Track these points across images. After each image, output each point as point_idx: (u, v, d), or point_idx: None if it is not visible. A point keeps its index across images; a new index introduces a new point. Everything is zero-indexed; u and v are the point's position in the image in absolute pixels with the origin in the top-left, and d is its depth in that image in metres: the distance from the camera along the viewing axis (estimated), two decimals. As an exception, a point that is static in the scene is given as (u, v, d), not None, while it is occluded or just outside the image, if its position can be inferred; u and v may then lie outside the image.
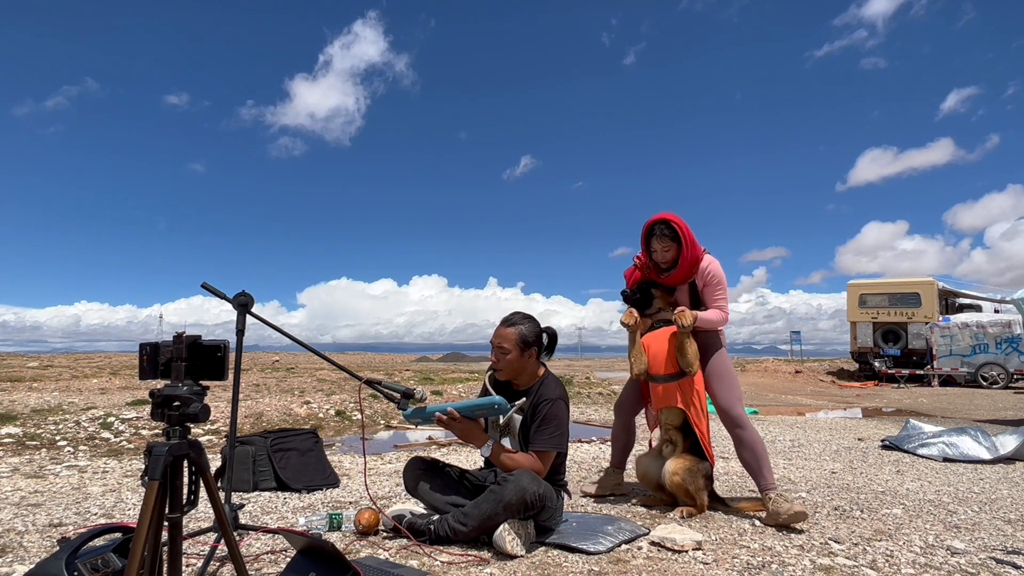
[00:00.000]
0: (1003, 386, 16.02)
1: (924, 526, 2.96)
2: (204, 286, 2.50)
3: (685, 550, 2.47)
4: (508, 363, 2.73)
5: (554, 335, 2.84)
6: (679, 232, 3.12)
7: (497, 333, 2.76)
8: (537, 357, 2.79)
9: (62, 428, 5.95)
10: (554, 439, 2.64)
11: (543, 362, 2.84)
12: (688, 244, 3.12)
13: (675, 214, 3.18)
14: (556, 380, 2.81)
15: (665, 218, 3.16)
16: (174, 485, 1.44)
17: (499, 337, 2.74)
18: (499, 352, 2.73)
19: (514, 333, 2.72)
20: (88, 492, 3.64)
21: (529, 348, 2.74)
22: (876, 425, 7.82)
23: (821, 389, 16.58)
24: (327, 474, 3.93)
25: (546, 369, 2.84)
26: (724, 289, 3.19)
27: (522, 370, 2.76)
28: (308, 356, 21.39)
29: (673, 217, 3.16)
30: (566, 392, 2.82)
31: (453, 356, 67.85)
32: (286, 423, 6.98)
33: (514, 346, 2.71)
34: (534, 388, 2.75)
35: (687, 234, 3.12)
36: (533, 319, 2.80)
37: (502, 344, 2.72)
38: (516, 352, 2.71)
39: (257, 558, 2.38)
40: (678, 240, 3.13)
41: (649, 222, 3.21)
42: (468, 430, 2.64)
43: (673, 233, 3.13)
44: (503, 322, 2.79)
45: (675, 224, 3.12)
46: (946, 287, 19.30)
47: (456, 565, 2.31)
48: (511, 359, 2.72)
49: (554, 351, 2.86)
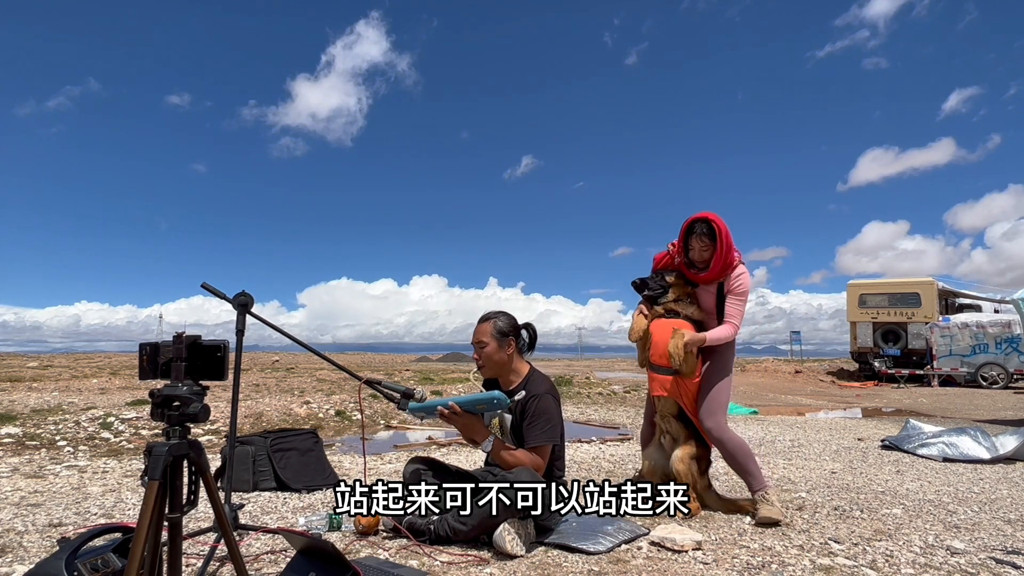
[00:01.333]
0: (1003, 386, 16.01)
1: (924, 526, 2.96)
2: (204, 286, 2.50)
3: (685, 550, 2.48)
4: (488, 356, 2.76)
5: (534, 330, 2.88)
6: (717, 232, 3.08)
7: (475, 331, 2.83)
8: (517, 349, 2.82)
9: (62, 428, 5.95)
10: (546, 433, 2.66)
11: (528, 361, 2.87)
12: (724, 246, 3.07)
13: (717, 215, 3.14)
14: (542, 376, 2.84)
15: (706, 217, 3.12)
16: (174, 485, 1.44)
17: (476, 333, 2.81)
18: (478, 347, 2.79)
19: (489, 325, 2.79)
20: (88, 492, 3.64)
21: (506, 338, 2.77)
22: (876, 425, 7.82)
23: (821, 389, 16.59)
24: (327, 474, 3.93)
25: (531, 367, 2.86)
26: (744, 302, 3.15)
27: (503, 363, 2.78)
28: (308, 356, 21.42)
29: (714, 217, 3.12)
30: (554, 386, 2.84)
31: (453, 356, 67.88)
32: (286, 423, 6.98)
33: (490, 338, 2.76)
34: (520, 386, 2.77)
35: (725, 236, 3.08)
36: (507, 313, 2.86)
37: (480, 339, 2.79)
38: (494, 344, 2.75)
39: (257, 558, 2.38)
40: (715, 240, 3.10)
41: (690, 219, 3.17)
42: (469, 424, 2.65)
43: (712, 232, 3.09)
44: (479, 320, 2.86)
45: (715, 224, 3.09)
46: (946, 287, 19.30)
47: (456, 565, 2.31)
48: (489, 351, 2.76)
49: (535, 346, 2.88)
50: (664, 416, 3.24)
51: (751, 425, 7.58)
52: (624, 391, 11.32)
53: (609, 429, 7.16)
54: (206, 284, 2.49)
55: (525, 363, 2.86)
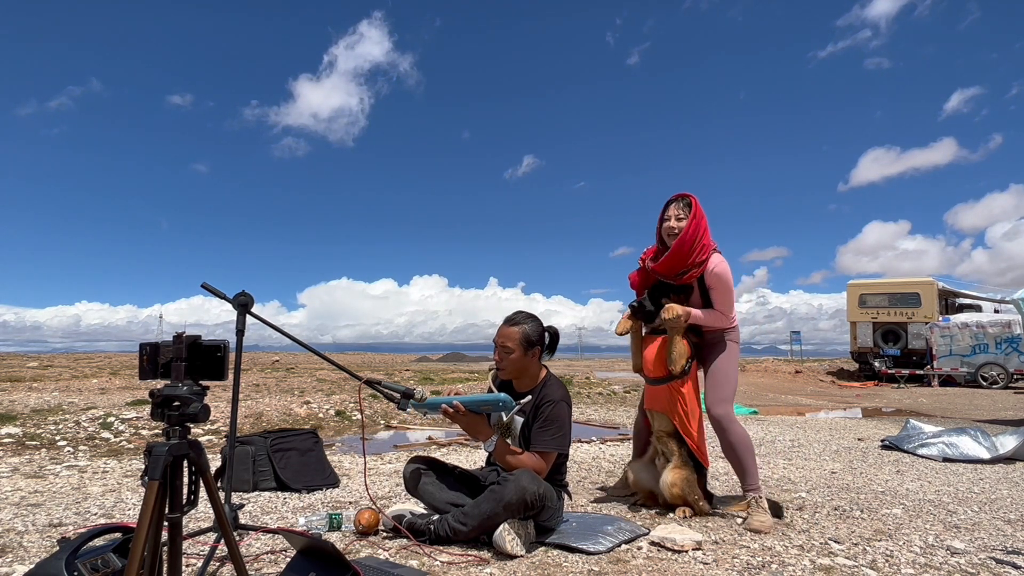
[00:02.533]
0: (1003, 386, 16.02)
1: (924, 526, 2.96)
2: (204, 286, 2.50)
3: (685, 550, 2.47)
4: (512, 362, 2.72)
5: (556, 334, 2.83)
6: (694, 207, 3.06)
7: (501, 332, 2.75)
8: (540, 357, 2.79)
9: (62, 428, 5.95)
10: (556, 440, 2.64)
11: (544, 364, 2.84)
12: (693, 223, 3.03)
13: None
14: (558, 382, 2.80)
15: (687, 194, 3.14)
16: (174, 485, 1.44)
17: (503, 336, 2.73)
18: (502, 351, 2.72)
19: (518, 332, 2.72)
20: (88, 492, 3.64)
21: (532, 347, 2.73)
22: (876, 425, 7.82)
23: (821, 389, 16.59)
24: (327, 474, 3.93)
25: (547, 371, 2.83)
26: (728, 292, 3.10)
27: (525, 370, 2.76)
28: (308, 356, 21.40)
29: (694, 197, 3.12)
30: (568, 394, 2.80)
31: (453, 356, 67.86)
32: (286, 423, 6.98)
33: (518, 345, 2.70)
34: (536, 390, 2.74)
35: (698, 215, 3.05)
36: (536, 318, 2.79)
37: (506, 343, 2.72)
38: (520, 351, 2.71)
39: (257, 558, 2.38)
40: (691, 211, 3.07)
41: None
42: (473, 424, 2.63)
43: (691, 207, 3.08)
44: (506, 321, 2.79)
45: (692, 199, 3.09)
46: (946, 287, 19.31)
47: (456, 565, 2.31)
48: (515, 358, 2.71)
49: (555, 351, 2.85)
50: (660, 436, 3.16)
51: (751, 425, 7.58)
52: (624, 391, 11.31)
53: (609, 429, 7.16)
54: (206, 284, 2.49)
55: (543, 367, 2.83)
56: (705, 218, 3.08)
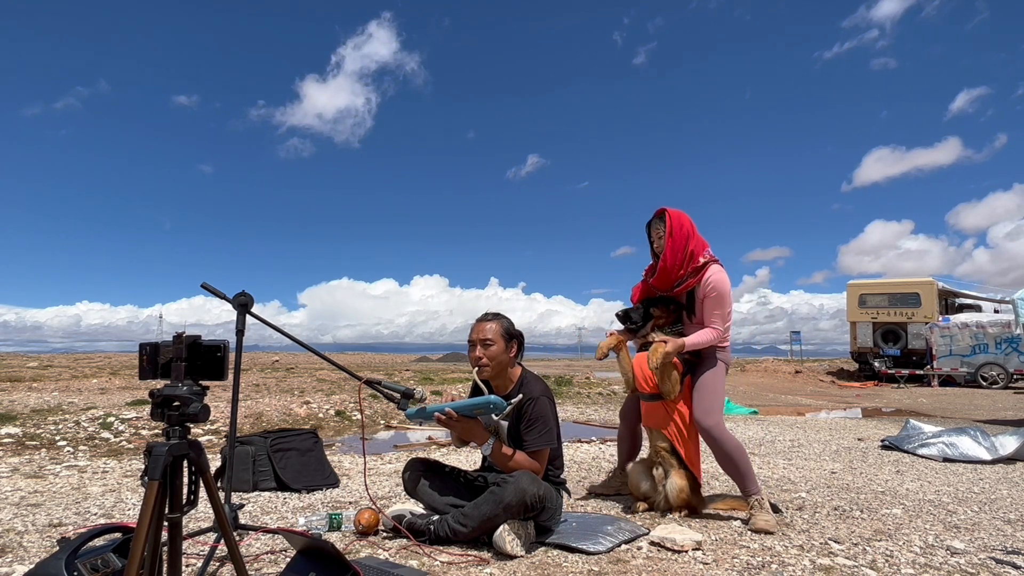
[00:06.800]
0: (1003, 386, 16.02)
1: (924, 526, 2.96)
2: (204, 286, 2.50)
3: (685, 550, 2.47)
4: (494, 355, 2.70)
5: (523, 338, 2.85)
6: (668, 220, 3.05)
7: (477, 328, 2.75)
8: (518, 352, 2.79)
9: (62, 428, 5.95)
10: (544, 436, 2.65)
11: (520, 363, 2.84)
12: (674, 237, 3.01)
13: (680, 211, 3.11)
14: (535, 377, 2.81)
15: (664, 209, 3.12)
16: (174, 485, 1.44)
17: (480, 331, 2.73)
18: (484, 345, 2.71)
19: (497, 325, 2.74)
20: (88, 492, 3.64)
21: (512, 340, 2.75)
22: (876, 425, 7.82)
23: (821, 389, 16.59)
24: (327, 474, 3.93)
25: (523, 369, 2.84)
26: (724, 305, 3.04)
27: (506, 365, 2.75)
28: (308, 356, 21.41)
29: (671, 210, 3.10)
30: (547, 387, 2.80)
31: (453, 356, 67.86)
32: (286, 423, 6.98)
33: (499, 337, 2.71)
34: (514, 391, 2.74)
35: (675, 228, 3.03)
36: (508, 317, 2.82)
37: (486, 337, 2.71)
38: (501, 343, 2.71)
39: (257, 558, 2.38)
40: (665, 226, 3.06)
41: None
42: (469, 429, 2.64)
43: (664, 221, 3.08)
44: (480, 319, 2.80)
45: (668, 213, 3.07)
46: (946, 287, 19.32)
47: (456, 565, 2.31)
48: (496, 351, 2.70)
49: (522, 355, 2.85)
50: (658, 450, 3.14)
51: (751, 425, 7.58)
52: (624, 391, 11.24)
53: (609, 429, 7.16)
54: (206, 284, 2.49)
55: (518, 366, 2.84)
56: (684, 226, 3.06)
